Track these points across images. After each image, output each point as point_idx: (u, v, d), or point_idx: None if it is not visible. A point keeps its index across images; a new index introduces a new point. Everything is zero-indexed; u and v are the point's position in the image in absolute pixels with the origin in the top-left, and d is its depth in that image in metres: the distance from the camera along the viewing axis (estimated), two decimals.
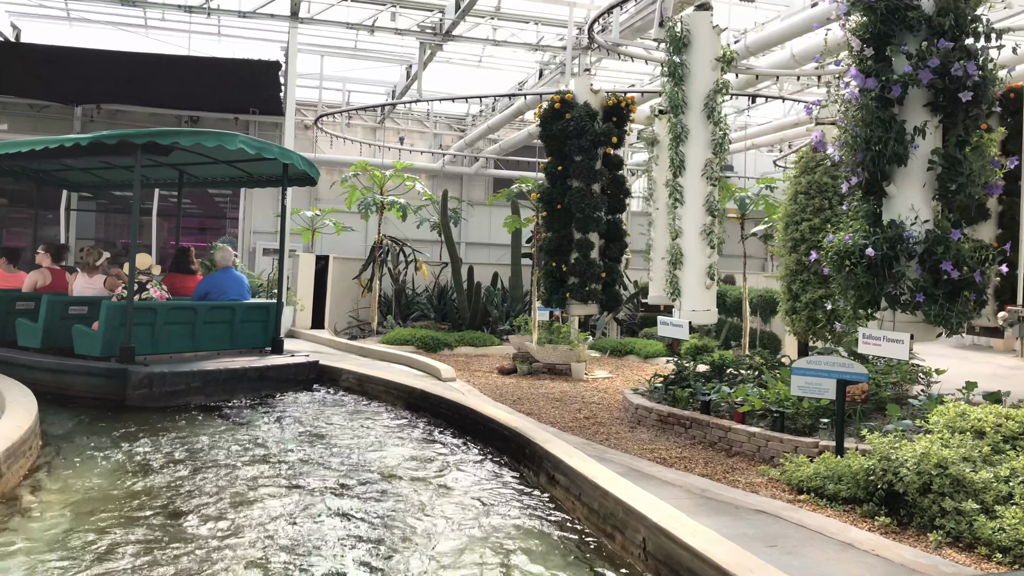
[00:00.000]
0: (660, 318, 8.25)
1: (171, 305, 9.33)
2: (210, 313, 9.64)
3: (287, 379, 9.52)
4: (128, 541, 4.35)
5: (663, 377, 9.44)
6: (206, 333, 9.57)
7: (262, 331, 10.28)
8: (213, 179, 12.03)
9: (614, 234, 9.79)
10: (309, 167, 10.26)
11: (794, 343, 12.72)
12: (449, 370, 10.96)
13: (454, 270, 17.13)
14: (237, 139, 8.81)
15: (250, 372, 9.10)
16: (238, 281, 10.28)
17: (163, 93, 18.92)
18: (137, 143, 8.47)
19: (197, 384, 8.55)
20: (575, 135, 9.38)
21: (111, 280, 9.90)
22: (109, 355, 8.61)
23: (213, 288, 9.96)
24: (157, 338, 9.06)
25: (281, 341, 10.43)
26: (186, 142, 8.92)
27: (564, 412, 9.38)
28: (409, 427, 7.67)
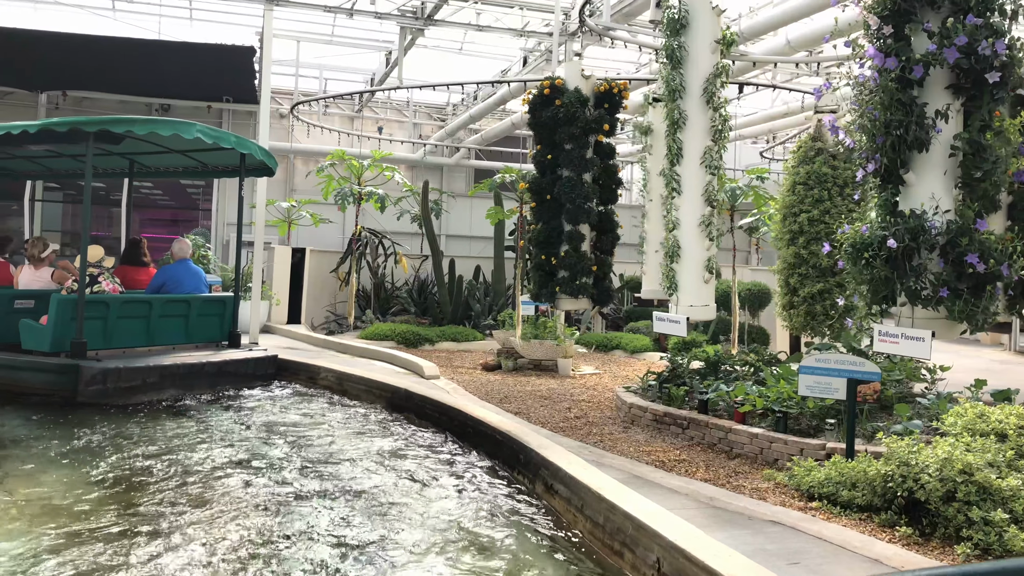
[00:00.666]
0: (656, 314, 7.87)
1: (124, 298, 9.02)
2: (165, 307, 9.38)
3: (245, 374, 9.34)
4: (75, 560, 3.89)
5: (656, 374, 9.07)
6: (161, 327, 9.32)
7: (219, 325, 10.09)
8: (165, 169, 11.77)
9: (606, 226, 9.40)
10: (267, 157, 10.07)
11: (785, 337, 12.44)
12: (432, 367, 10.53)
13: (435, 263, 16.67)
14: (194, 128, 8.58)
15: (208, 367, 8.90)
16: (195, 274, 10.05)
17: (132, 79, 18.23)
18: (89, 131, 8.16)
19: (153, 380, 8.31)
20: (565, 122, 8.96)
21: (59, 273, 9.54)
22: (59, 350, 8.26)
23: (169, 280, 9.71)
24: (110, 332, 8.75)
25: (238, 335, 10.26)
26: (140, 130, 8.55)
27: (554, 411, 8.99)
28: (393, 427, 7.24)
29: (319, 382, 9.61)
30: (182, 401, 8.41)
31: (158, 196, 26.47)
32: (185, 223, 24.87)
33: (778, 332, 12.52)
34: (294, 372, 10.04)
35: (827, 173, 8.87)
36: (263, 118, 12.84)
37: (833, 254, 8.84)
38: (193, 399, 8.50)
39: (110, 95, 19.31)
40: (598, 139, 9.17)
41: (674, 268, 7.41)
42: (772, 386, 7.80)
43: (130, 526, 4.43)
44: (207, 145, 9.09)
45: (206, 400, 8.56)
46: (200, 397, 8.59)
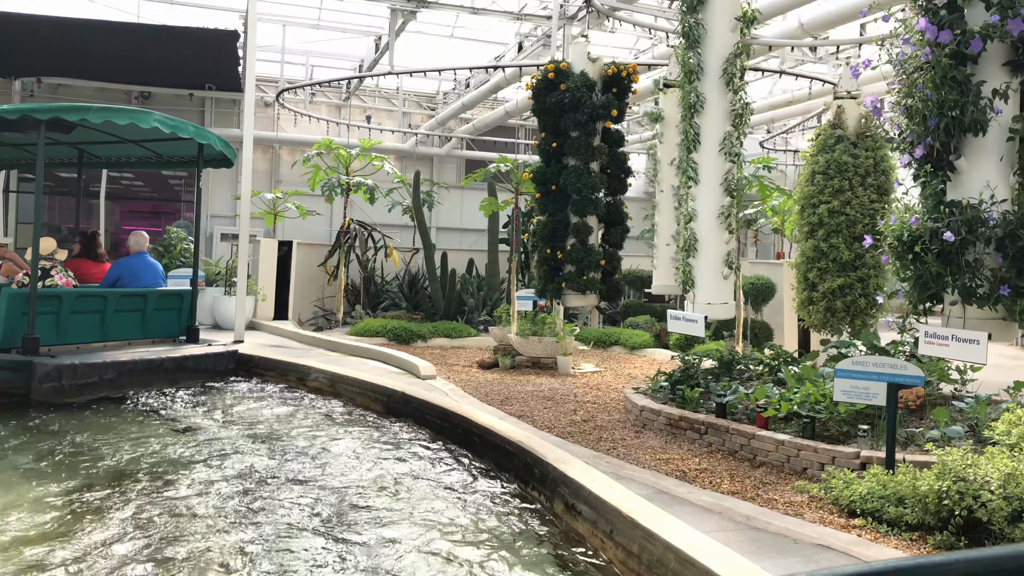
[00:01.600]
0: (670, 312, 7.37)
1: (78, 292, 8.68)
2: (121, 301, 9.09)
3: (205, 369, 9.16)
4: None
5: (667, 375, 8.58)
6: (117, 322, 9.05)
7: (176, 319, 9.87)
8: (117, 159, 11.48)
9: (615, 218, 8.88)
10: (226, 147, 9.90)
11: (792, 332, 11.98)
12: (428, 367, 9.99)
13: (427, 256, 16.12)
14: (151, 117, 8.33)
15: (167, 363, 8.67)
16: (152, 267, 9.82)
17: (111, 66, 17.52)
18: (41, 119, 7.80)
19: (111, 376, 8.00)
20: (571, 108, 8.43)
21: (7, 266, 9.10)
22: (9, 346, 7.90)
23: (125, 274, 9.44)
24: (63, 328, 8.40)
25: (197, 330, 10.06)
26: (95, 119, 8.14)
27: (559, 414, 8.48)
28: (392, 436, 6.71)
29: (309, 384, 9.06)
30: (145, 400, 7.95)
31: (139, 188, 25.73)
32: (167, 215, 24.16)
33: (786, 328, 12.07)
34: (283, 373, 9.49)
35: (848, 162, 8.39)
36: (247, 106, 12.23)
37: (857, 248, 8.41)
38: (162, 397, 8.03)
39: (87, 82, 18.59)
40: (606, 126, 8.65)
41: (691, 263, 6.91)
42: (793, 388, 7.33)
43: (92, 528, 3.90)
44: (164, 135, 8.86)
45: (181, 401, 8.01)
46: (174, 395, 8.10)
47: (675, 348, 14.11)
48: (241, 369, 10.01)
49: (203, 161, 10.15)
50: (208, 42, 15.81)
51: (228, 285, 13.95)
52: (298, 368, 9.32)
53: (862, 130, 8.55)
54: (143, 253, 9.84)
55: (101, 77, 18.45)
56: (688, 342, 13.82)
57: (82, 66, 17.62)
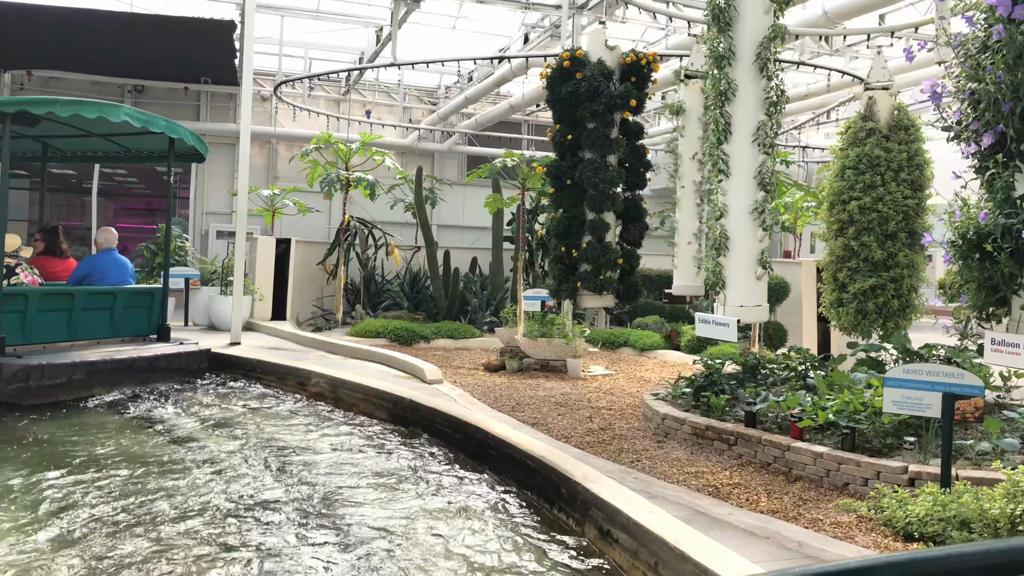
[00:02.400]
0: (699, 315, 6.91)
1: (45, 291, 8.41)
2: (89, 299, 8.83)
3: (178, 368, 8.98)
4: None
5: (689, 380, 8.12)
6: (85, 321, 8.81)
7: (146, 318, 9.65)
8: (84, 154, 11.20)
9: (633, 214, 8.41)
10: (198, 142, 9.78)
11: (812, 334, 11.53)
12: (434, 370, 9.53)
13: (429, 255, 15.65)
14: (121, 110, 8.18)
15: (139, 362, 8.46)
16: (121, 264, 9.63)
17: (104, 58, 17.01)
18: (6, 112, 7.49)
19: (80, 377, 7.79)
20: (587, 98, 7.96)
21: None
22: None
23: (94, 271, 9.22)
24: (29, 327, 8.12)
25: (167, 328, 9.82)
26: (63, 112, 7.83)
27: (574, 421, 8.03)
28: (401, 448, 6.24)
29: (309, 388, 8.59)
30: (122, 401, 7.53)
31: (132, 184, 25.20)
32: (161, 212, 23.64)
33: (804, 329, 11.62)
34: (281, 377, 9.02)
35: (880, 156, 7.94)
36: (245, 100, 11.75)
37: (890, 247, 7.95)
38: (145, 400, 7.55)
39: (79, 75, 18.08)
40: (624, 116, 8.18)
41: (721, 262, 6.45)
42: (827, 395, 6.89)
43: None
44: (134, 129, 8.71)
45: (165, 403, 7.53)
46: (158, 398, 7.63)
47: (686, 350, 13.69)
48: (234, 369, 9.56)
49: (174, 156, 9.98)
50: (204, 33, 15.32)
51: (224, 284, 13.46)
52: (298, 372, 8.85)
53: (895, 122, 8.11)
54: (111, 250, 9.67)
55: (93, 70, 17.93)
56: (700, 344, 13.38)
57: (74, 58, 17.11)
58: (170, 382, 8.68)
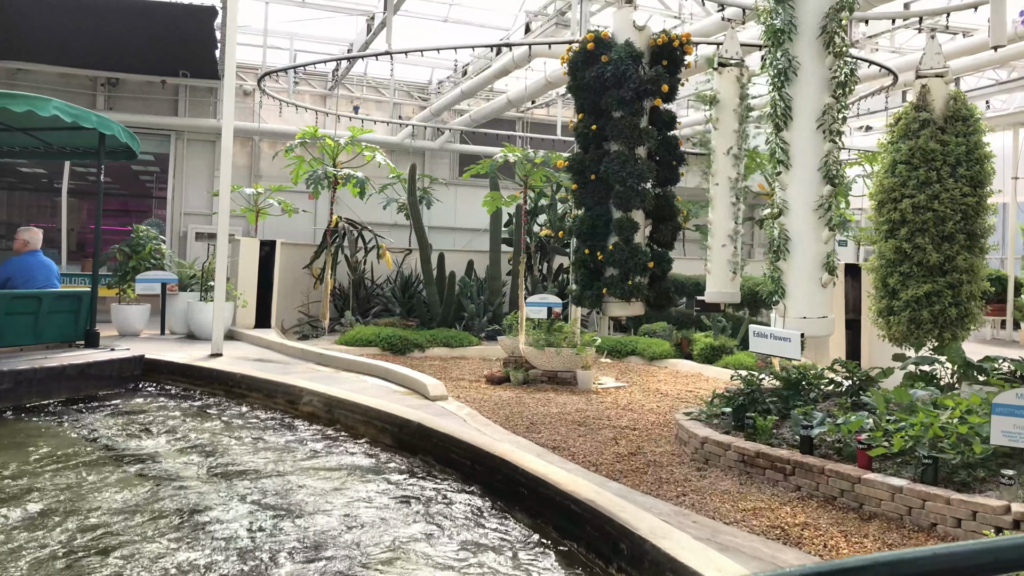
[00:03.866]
0: (754, 328, 6.09)
1: None
2: (12, 303, 8.42)
3: (110, 376, 8.56)
4: None
5: (726, 397, 7.31)
6: (7, 326, 8.41)
7: (72, 322, 9.22)
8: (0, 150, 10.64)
9: (664, 212, 7.58)
10: (131, 139, 9.43)
11: (838, 343, 10.75)
12: (437, 385, 8.66)
13: (423, 258, 14.77)
14: (51, 104, 7.77)
15: (69, 370, 8.01)
16: (46, 266, 9.21)
17: (75, 48, 15.98)
18: None
19: (7, 386, 7.32)
20: (614, 84, 7.14)
21: None
22: None
23: (18, 273, 8.83)
24: None
25: (96, 334, 9.37)
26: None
27: (598, 444, 7.20)
28: (413, 484, 5.36)
29: (301, 408, 7.70)
30: (63, 415, 6.63)
31: (106, 184, 24.09)
32: (137, 213, 22.59)
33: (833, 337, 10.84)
34: (269, 394, 8.11)
35: (935, 149, 7.17)
36: (227, 94, 10.83)
37: (947, 249, 7.19)
38: (97, 413, 6.63)
39: (48, 67, 17.02)
40: (655, 104, 7.36)
41: (780, 267, 5.64)
42: (889, 416, 6.10)
43: None
44: (63, 124, 8.35)
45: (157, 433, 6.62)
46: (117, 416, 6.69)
47: (699, 359, 12.91)
48: (215, 385, 8.65)
49: (104, 153, 9.56)
50: (183, 21, 14.37)
51: (204, 290, 12.50)
52: (288, 389, 7.95)
53: (951, 112, 7.34)
54: (37, 252, 9.23)
55: (64, 61, 16.88)
56: (714, 353, 12.60)
57: (42, 49, 16.07)
58: (100, 389, 8.24)
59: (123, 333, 12.29)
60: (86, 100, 17.88)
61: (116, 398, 8.21)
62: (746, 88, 7.82)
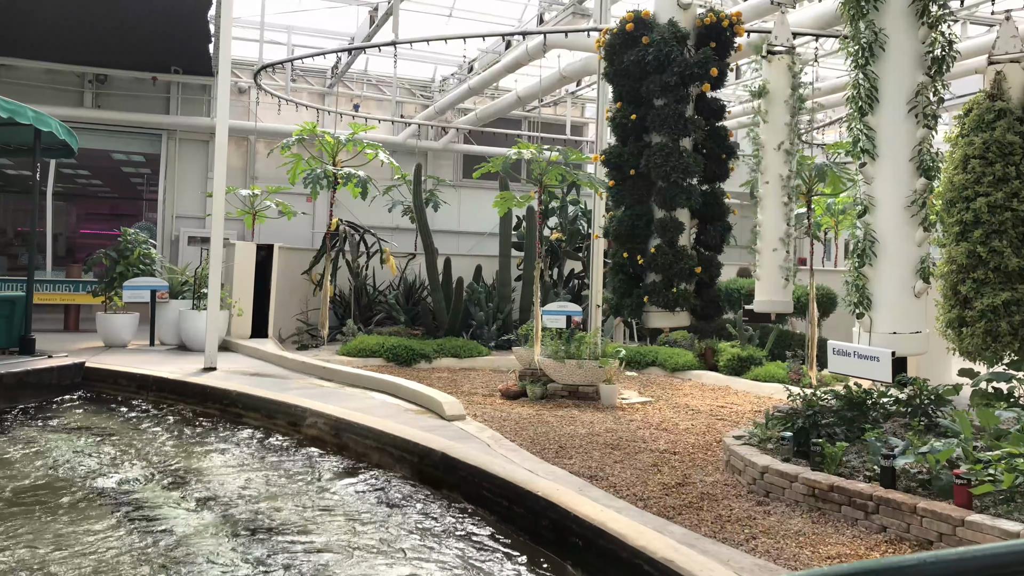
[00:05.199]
0: (834, 345, 5.32)
1: None
2: None
3: (49, 384, 8.20)
4: None
5: (781, 418, 6.54)
6: None
7: (5, 329, 8.95)
8: None
9: (713, 211, 6.81)
10: (69, 136, 9.15)
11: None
12: (454, 404, 7.87)
13: (429, 263, 13.99)
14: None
15: (7, 378, 7.68)
16: None
17: (61, 43, 15.16)
18: None
19: None
20: (656, 68, 6.39)
21: None
22: None
23: None
24: None
25: (32, 340, 9.02)
26: None
27: (638, 472, 6.43)
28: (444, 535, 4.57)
29: (304, 430, 6.90)
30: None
31: (97, 187, 23.27)
32: (128, 217, 21.73)
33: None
34: (269, 415, 7.32)
35: (1014, 142, 6.42)
36: (222, 92, 10.06)
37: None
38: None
39: (33, 63, 16.21)
40: (702, 90, 6.59)
41: (865, 274, 4.87)
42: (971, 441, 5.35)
43: None
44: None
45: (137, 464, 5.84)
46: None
47: (725, 371, 12.13)
48: (208, 404, 7.86)
49: (40, 150, 9.25)
50: (175, 12, 13.58)
51: (197, 297, 11.68)
52: (290, 409, 7.15)
53: None
54: None
55: (50, 56, 16.07)
56: (742, 365, 11.82)
57: (27, 44, 15.26)
58: (37, 399, 7.75)
59: (109, 344, 11.45)
60: (72, 97, 17.06)
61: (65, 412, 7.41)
62: (798, 77, 7.07)
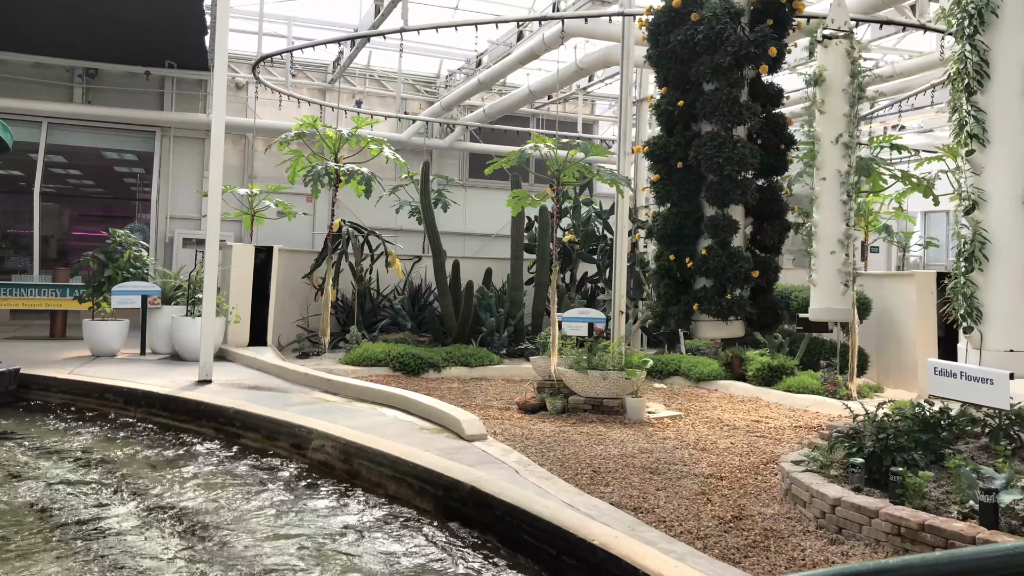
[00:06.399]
0: (933, 364, 4.60)
1: None
2: None
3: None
4: None
5: (845, 441, 5.81)
6: None
7: None
8: None
9: (770, 208, 6.08)
10: (4, 131, 8.91)
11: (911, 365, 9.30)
12: (473, 421, 7.13)
13: (436, 265, 13.27)
14: None
15: None
16: None
17: (50, 35, 14.44)
18: None
19: None
20: (706, 48, 5.68)
21: None
22: None
23: None
24: None
25: None
26: None
27: (687, 503, 5.71)
28: None
29: (309, 455, 6.17)
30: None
31: (89, 187, 22.48)
32: (120, 219, 20.97)
33: (917, 357, 9.38)
34: (270, 436, 6.58)
35: None
36: (218, 87, 9.34)
37: None
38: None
39: (21, 56, 15.47)
40: (759, 72, 5.87)
41: (975, 280, 4.16)
42: None
43: None
44: None
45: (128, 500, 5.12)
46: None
47: (754, 381, 11.40)
48: (202, 422, 7.12)
49: None
50: (169, 3, 12.83)
51: (191, 303, 10.94)
52: (293, 430, 6.42)
53: None
54: None
55: (38, 50, 15.36)
56: (773, 374, 11.08)
57: (15, 35, 14.53)
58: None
59: (97, 353, 10.69)
60: (62, 92, 16.33)
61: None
62: (857, 63, 6.36)
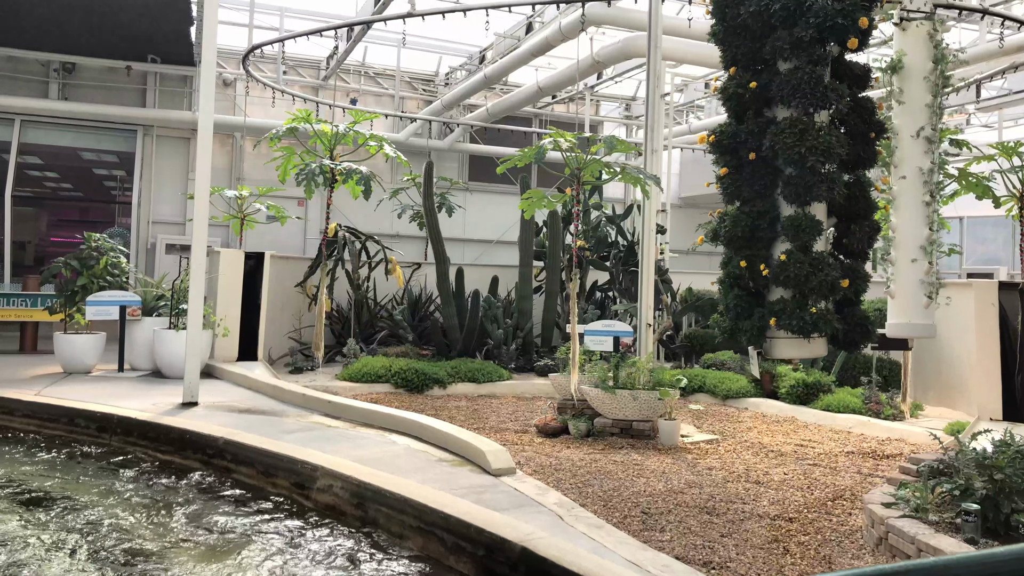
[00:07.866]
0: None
1: None
2: None
3: None
4: None
5: (940, 477, 4.95)
6: None
7: None
8: None
9: (858, 206, 5.21)
10: None
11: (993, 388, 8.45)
12: (499, 453, 6.21)
13: (440, 273, 12.37)
14: None
15: None
16: None
17: (24, 27, 13.46)
18: None
19: None
20: (783, 21, 4.83)
21: None
22: None
23: None
24: None
25: None
26: None
27: (761, 552, 4.86)
28: None
29: (313, 496, 5.25)
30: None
31: (66, 190, 21.42)
32: (101, 223, 19.93)
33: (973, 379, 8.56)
34: (266, 471, 5.65)
35: None
36: (206, 83, 8.41)
37: None
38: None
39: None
40: (846, 48, 5.03)
41: None
42: None
43: None
44: None
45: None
46: None
47: (788, 399, 10.57)
48: (187, 453, 6.18)
49: None
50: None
51: (175, 314, 9.96)
52: (294, 466, 5.49)
53: None
54: None
55: (12, 42, 14.35)
56: (808, 391, 10.24)
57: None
58: None
59: (69, 370, 9.68)
60: (37, 88, 15.30)
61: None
62: (941, 48, 5.52)
